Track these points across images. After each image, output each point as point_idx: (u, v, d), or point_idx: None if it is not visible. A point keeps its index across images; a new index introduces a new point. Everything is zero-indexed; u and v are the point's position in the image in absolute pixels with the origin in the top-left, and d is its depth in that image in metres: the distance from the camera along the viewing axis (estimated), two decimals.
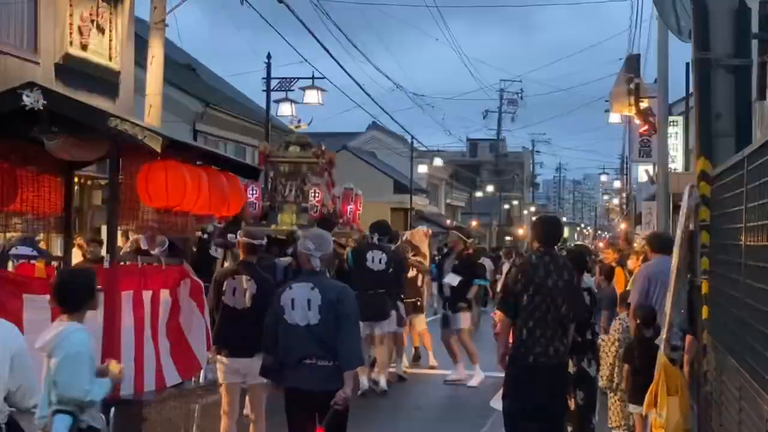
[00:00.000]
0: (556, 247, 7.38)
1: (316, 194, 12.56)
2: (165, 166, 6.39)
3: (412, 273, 13.47)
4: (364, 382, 11.13)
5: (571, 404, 7.68)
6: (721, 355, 5.52)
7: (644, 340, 7.63)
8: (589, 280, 9.20)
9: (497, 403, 11.62)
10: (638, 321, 7.77)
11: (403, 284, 12.46)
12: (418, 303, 13.73)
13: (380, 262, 11.18)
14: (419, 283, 13.85)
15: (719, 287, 5.70)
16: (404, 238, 14.65)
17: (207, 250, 10.22)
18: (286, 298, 6.10)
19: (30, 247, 9.36)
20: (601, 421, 8.54)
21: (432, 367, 13.92)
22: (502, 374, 7.28)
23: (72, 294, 5.01)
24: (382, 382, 11.57)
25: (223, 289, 7.54)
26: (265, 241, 8.12)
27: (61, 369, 4.85)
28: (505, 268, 25.94)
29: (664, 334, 6.60)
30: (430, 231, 16.61)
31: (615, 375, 8.25)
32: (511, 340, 6.94)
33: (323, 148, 13.52)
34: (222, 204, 7.29)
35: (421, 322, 13.92)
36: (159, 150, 6.02)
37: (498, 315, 8.57)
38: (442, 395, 12.27)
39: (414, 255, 13.85)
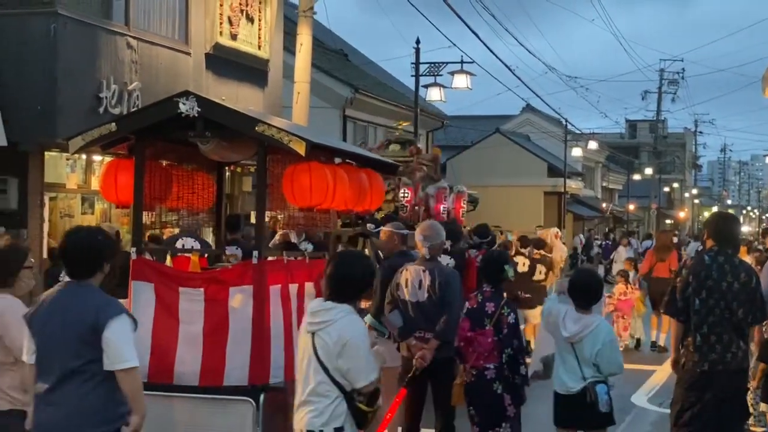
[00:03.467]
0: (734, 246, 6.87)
1: (406, 194, 12.42)
2: (309, 168, 6.59)
3: (523, 268, 13.78)
4: None
5: None
6: None
7: None
8: None
9: (639, 398, 11.40)
10: None
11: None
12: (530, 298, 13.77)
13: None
14: (535, 277, 14.17)
15: None
16: (539, 233, 14.62)
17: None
18: (403, 278, 7.40)
19: (193, 237, 9.64)
20: None
21: None
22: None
23: None
24: None
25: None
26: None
27: (602, 352, 6.64)
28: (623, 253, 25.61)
29: None
30: (560, 233, 17.39)
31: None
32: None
33: (418, 146, 13.41)
34: (361, 200, 7.47)
35: (534, 315, 13.80)
36: (303, 153, 6.32)
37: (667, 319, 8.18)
38: None
39: (517, 253, 14.08)
